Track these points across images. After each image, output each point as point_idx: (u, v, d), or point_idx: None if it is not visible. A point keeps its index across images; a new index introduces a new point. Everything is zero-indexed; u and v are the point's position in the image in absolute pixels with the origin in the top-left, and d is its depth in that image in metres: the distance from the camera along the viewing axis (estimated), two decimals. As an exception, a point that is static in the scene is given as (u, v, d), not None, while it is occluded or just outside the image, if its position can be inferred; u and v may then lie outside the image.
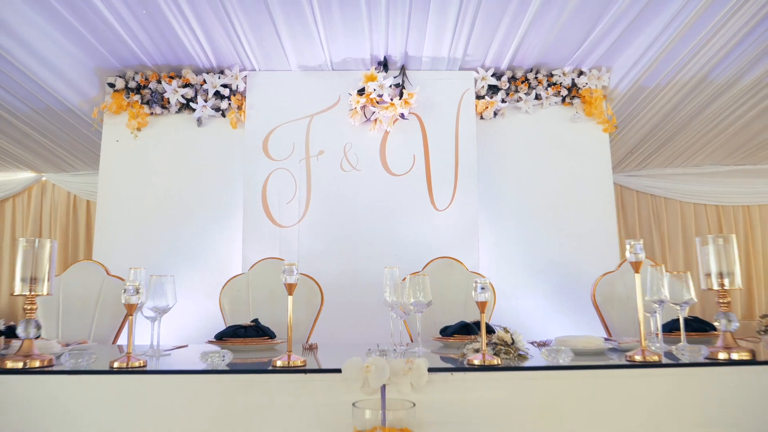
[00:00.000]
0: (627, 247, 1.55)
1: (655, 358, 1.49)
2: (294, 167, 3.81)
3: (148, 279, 1.85)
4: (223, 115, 3.93)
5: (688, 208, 5.92)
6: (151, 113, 3.91)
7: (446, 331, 2.08)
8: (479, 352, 1.53)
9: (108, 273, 2.84)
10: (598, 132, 4.01)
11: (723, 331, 1.55)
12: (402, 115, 3.81)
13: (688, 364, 1.47)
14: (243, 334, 1.96)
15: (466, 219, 3.77)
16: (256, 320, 2.10)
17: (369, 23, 3.37)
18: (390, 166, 3.83)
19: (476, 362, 1.48)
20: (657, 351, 1.59)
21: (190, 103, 3.86)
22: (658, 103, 4.27)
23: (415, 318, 1.92)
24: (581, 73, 3.97)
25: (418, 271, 2.96)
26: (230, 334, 1.98)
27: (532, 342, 2.03)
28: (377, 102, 3.77)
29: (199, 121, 3.92)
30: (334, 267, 3.62)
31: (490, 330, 1.68)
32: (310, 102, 3.89)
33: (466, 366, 1.48)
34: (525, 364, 1.51)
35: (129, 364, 1.47)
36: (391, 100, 3.75)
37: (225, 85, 3.87)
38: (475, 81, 3.92)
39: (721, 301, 1.58)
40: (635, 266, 1.53)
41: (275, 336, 2.06)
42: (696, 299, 1.86)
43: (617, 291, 2.76)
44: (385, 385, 1.39)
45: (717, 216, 5.88)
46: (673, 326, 2.16)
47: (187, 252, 3.78)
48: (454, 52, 3.73)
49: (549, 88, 3.97)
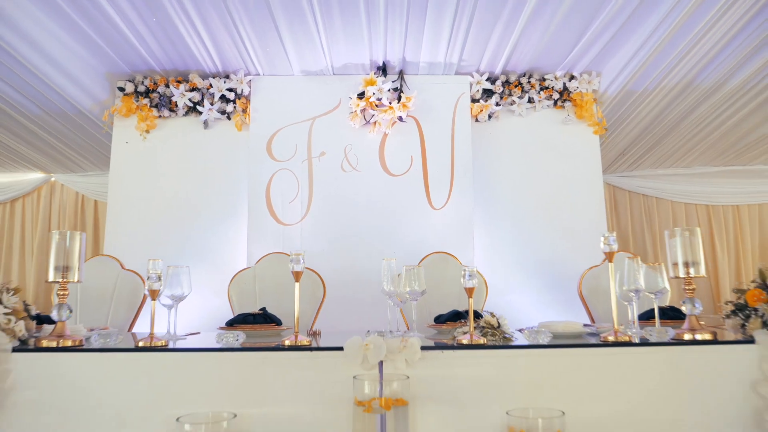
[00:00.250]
0: (601, 239, 1.71)
1: (626, 339, 1.65)
2: (297, 168, 3.95)
3: (165, 270, 2.01)
4: (229, 118, 4.08)
5: (679, 207, 6.06)
6: (160, 116, 4.06)
7: (440, 319, 2.24)
8: (468, 333, 1.69)
9: (123, 267, 3.00)
10: (588, 134, 4.15)
11: (689, 315, 1.71)
12: (400, 118, 3.94)
13: (655, 344, 1.63)
14: (252, 321, 2.12)
15: (461, 217, 3.91)
16: (263, 309, 2.26)
17: (368, 30, 3.49)
18: (389, 166, 3.97)
19: (464, 341, 1.64)
20: (632, 335, 1.75)
21: (197, 107, 4.01)
22: (647, 106, 4.40)
23: (410, 306, 2.08)
24: (572, 77, 4.11)
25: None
26: (240, 321, 2.14)
27: (519, 329, 2.19)
28: (376, 105, 3.90)
29: (205, 123, 4.07)
30: (335, 263, 3.73)
31: (479, 316, 1.84)
32: (312, 105, 4.03)
33: (455, 345, 1.64)
34: (508, 344, 1.67)
35: (152, 343, 1.63)
36: (390, 103, 3.89)
37: (230, 89, 4.01)
38: (471, 85, 4.06)
39: (687, 287, 1.74)
40: (609, 256, 1.69)
41: (281, 323, 2.22)
42: (669, 288, 2.02)
43: (602, 284, 2.91)
44: (382, 362, 1.55)
45: (707, 215, 6.01)
46: (652, 315, 2.31)
47: (193, 249, 3.93)
48: (450, 58, 3.86)
49: (541, 92, 4.12)
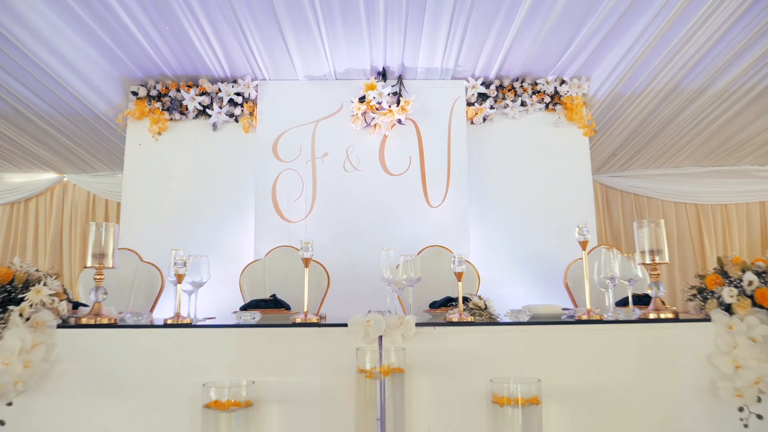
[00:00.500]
0: (576, 229, 1.92)
1: (597, 317, 1.87)
2: (301, 168, 4.14)
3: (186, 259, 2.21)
4: (237, 121, 4.28)
5: (669, 206, 6.22)
6: (171, 119, 4.26)
7: (434, 305, 2.45)
8: (457, 312, 1.90)
9: (141, 260, 3.21)
10: (578, 136, 4.34)
11: (654, 297, 1.92)
12: (399, 121, 4.12)
13: (623, 321, 1.84)
14: (264, 306, 2.33)
15: (457, 215, 4.09)
16: (273, 295, 2.48)
17: (369, 37, 3.67)
18: (388, 166, 4.16)
19: (454, 319, 1.85)
20: (605, 316, 1.96)
21: (207, 110, 4.21)
22: (635, 109, 4.56)
23: (407, 293, 2.29)
24: (563, 81, 4.31)
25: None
26: (253, 306, 2.36)
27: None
28: (376, 108, 4.08)
29: (214, 126, 4.27)
30: (337, 258, 3.87)
31: (469, 299, 2.05)
32: (315, 108, 4.21)
33: (446, 322, 1.85)
34: (492, 321, 1.88)
35: (179, 321, 1.85)
36: (389, 106, 4.07)
37: (238, 93, 4.20)
38: (466, 89, 4.25)
39: (652, 272, 1.95)
40: (583, 245, 1.90)
41: (290, 308, 2.43)
42: (642, 276, 2.23)
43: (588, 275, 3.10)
44: (381, 336, 1.76)
45: (696, 214, 6.17)
46: (627, 302, 2.52)
47: (203, 245, 4.10)
48: (446, 63, 4.04)
49: (533, 96, 4.30)
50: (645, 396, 1.77)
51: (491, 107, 4.29)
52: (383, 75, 4.14)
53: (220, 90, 4.19)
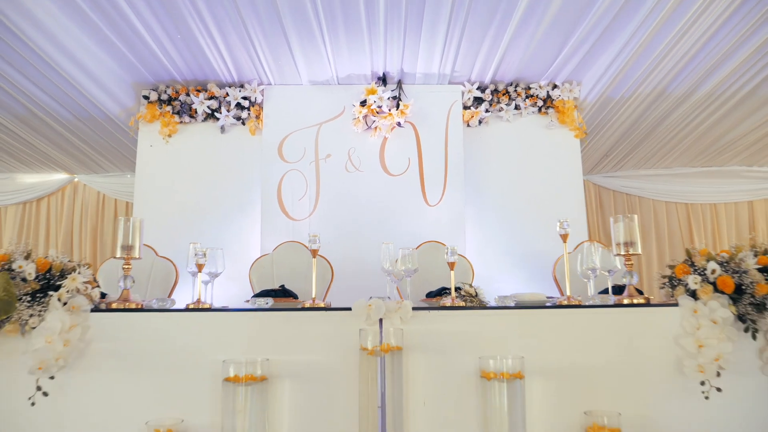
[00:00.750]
0: (558, 223, 2.12)
1: (576, 303, 2.07)
2: (305, 169, 4.32)
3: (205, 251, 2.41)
4: (243, 124, 4.46)
5: (660, 206, 6.37)
6: (181, 122, 4.45)
7: (430, 294, 2.65)
8: (450, 298, 2.10)
9: (157, 254, 3.40)
10: (570, 138, 4.52)
11: (627, 285, 2.12)
12: (399, 124, 4.31)
13: (599, 306, 2.05)
14: (273, 295, 2.53)
15: (454, 213, 4.27)
16: (282, 285, 2.68)
17: (370, 44, 3.85)
18: (388, 167, 4.34)
19: (447, 304, 2.06)
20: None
21: (215, 113, 4.39)
22: (624, 112, 4.73)
23: (405, 283, 2.49)
24: (555, 86, 4.49)
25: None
26: (263, 295, 2.55)
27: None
28: (377, 112, 4.26)
29: (222, 128, 4.46)
30: (340, 254, 3.96)
31: (461, 288, 2.25)
32: (318, 112, 4.39)
33: (440, 306, 2.06)
34: (481, 306, 2.09)
35: (200, 305, 2.05)
36: (389, 110, 4.25)
37: (245, 98, 4.39)
38: (462, 93, 4.43)
39: (627, 262, 2.15)
40: (563, 237, 2.10)
41: (298, 297, 2.63)
42: (620, 267, 2.42)
43: (572, 268, 3.30)
44: (382, 319, 1.96)
45: (686, 213, 6.33)
46: (613, 292, 2.71)
47: (211, 242, 4.21)
48: (443, 69, 4.22)
49: (527, 100, 4.49)
50: (619, 372, 1.96)
51: (486, 110, 4.47)
52: (383, 80, 4.32)
53: (227, 94, 4.38)
